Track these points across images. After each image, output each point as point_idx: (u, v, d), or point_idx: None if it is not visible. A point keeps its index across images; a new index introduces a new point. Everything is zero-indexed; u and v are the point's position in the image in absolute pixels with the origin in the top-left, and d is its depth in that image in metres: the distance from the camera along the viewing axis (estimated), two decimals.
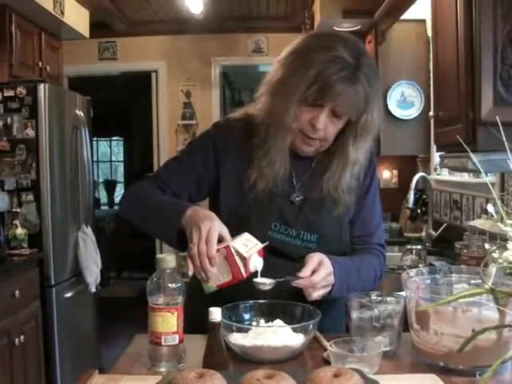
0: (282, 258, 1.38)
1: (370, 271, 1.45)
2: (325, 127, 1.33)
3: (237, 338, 1.19)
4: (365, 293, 1.26)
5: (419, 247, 2.69)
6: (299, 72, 1.29)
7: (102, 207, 8.66)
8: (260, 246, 1.27)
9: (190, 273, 1.24)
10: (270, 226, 1.39)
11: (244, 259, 1.21)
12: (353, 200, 1.44)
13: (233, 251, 1.21)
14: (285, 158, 1.38)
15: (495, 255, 1.08)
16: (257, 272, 1.27)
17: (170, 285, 1.13)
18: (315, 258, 1.29)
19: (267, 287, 1.27)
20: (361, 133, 1.36)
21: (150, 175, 1.50)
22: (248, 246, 1.24)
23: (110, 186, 9.38)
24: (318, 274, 1.27)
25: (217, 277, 1.23)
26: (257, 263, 1.26)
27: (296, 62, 1.32)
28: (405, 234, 3.67)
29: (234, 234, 1.27)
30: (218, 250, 1.20)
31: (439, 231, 3.14)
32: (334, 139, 1.38)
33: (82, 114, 3.60)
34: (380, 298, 1.25)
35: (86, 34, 4.35)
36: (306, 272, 1.26)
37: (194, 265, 1.21)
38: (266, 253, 1.30)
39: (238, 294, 1.29)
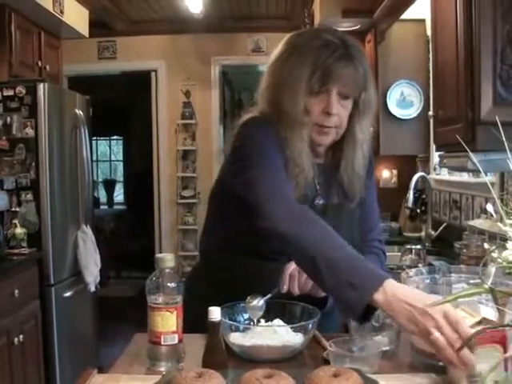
0: None
1: None
2: (338, 112, 1.34)
3: (236, 338, 1.19)
4: None
5: (418, 247, 2.69)
6: (297, 65, 1.32)
7: (102, 207, 8.65)
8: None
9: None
10: None
11: None
12: (362, 189, 1.44)
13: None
14: (309, 156, 1.35)
15: (494, 255, 1.08)
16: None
17: (169, 284, 1.13)
18: (286, 273, 1.31)
19: (258, 313, 1.28)
20: (363, 110, 1.38)
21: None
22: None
23: (110, 185, 9.36)
24: (293, 285, 1.30)
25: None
26: None
27: (290, 58, 1.34)
28: (404, 233, 3.67)
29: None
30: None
31: (438, 231, 3.14)
32: None
33: (82, 113, 3.60)
34: None
35: (86, 33, 4.34)
36: (283, 288, 1.30)
37: (444, 355, 0.97)
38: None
39: (237, 293, 1.29)
